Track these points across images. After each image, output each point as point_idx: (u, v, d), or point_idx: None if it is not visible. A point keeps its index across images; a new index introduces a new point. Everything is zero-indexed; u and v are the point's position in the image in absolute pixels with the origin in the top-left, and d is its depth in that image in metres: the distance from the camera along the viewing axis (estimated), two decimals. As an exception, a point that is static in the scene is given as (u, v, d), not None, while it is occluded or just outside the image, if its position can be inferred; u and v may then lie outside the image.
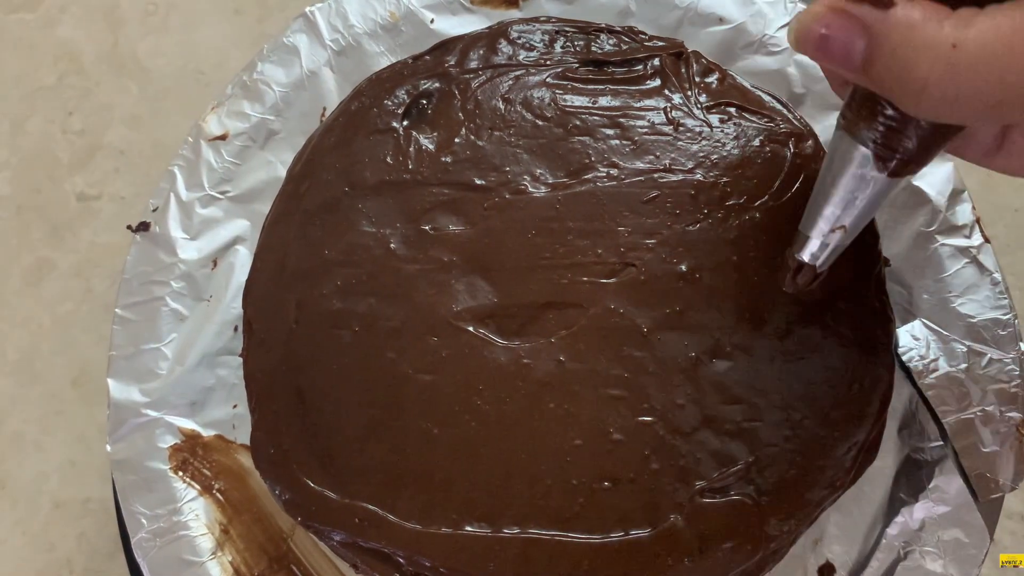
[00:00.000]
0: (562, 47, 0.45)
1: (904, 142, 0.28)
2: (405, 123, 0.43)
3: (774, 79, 0.47)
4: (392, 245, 0.40)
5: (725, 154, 0.41)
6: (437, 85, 0.44)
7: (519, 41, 0.45)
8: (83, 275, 0.59)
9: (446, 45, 0.45)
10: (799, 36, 0.26)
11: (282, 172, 0.45)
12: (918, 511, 0.39)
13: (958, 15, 0.23)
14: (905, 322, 0.42)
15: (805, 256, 0.34)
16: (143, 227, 0.45)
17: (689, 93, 0.43)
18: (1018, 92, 0.23)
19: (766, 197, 0.40)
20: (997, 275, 0.42)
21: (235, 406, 0.43)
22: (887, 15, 0.24)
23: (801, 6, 0.48)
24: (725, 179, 0.40)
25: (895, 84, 0.25)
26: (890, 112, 0.28)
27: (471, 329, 0.38)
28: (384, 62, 0.48)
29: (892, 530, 0.39)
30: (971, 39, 0.23)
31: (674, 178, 0.41)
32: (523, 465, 0.36)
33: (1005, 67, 0.22)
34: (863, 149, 0.29)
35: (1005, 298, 0.42)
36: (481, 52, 0.45)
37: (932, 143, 0.29)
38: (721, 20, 0.48)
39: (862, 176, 0.30)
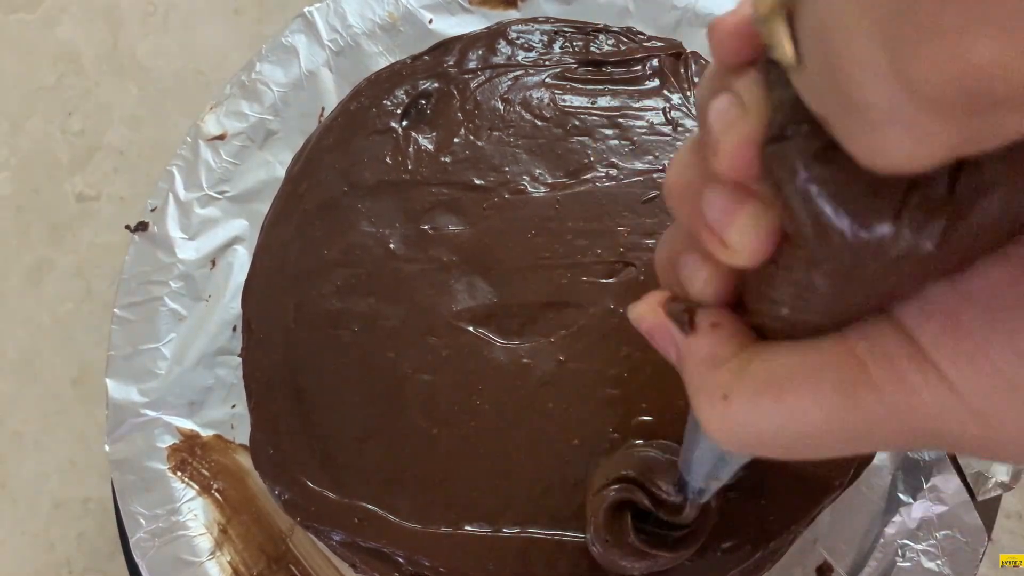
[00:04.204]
0: (561, 47, 0.45)
1: None
2: (404, 123, 0.43)
3: (773, 79, 0.46)
4: (392, 245, 0.40)
5: (724, 154, 0.41)
6: (436, 85, 0.44)
7: (518, 41, 0.45)
8: (83, 275, 0.59)
9: (445, 45, 0.45)
10: (633, 321, 0.25)
11: (281, 172, 0.45)
12: (916, 510, 0.39)
13: (740, 356, 0.20)
14: (904, 322, 0.42)
15: (688, 498, 0.32)
16: (141, 227, 0.45)
17: (688, 93, 0.43)
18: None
19: (765, 197, 0.40)
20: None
21: (234, 406, 0.43)
22: (686, 340, 0.22)
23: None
24: (724, 179, 0.40)
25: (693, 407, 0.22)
26: None
27: (471, 329, 0.38)
28: (383, 62, 0.48)
29: (890, 529, 0.39)
30: (741, 391, 0.19)
31: (673, 178, 0.41)
32: (523, 465, 0.36)
33: (768, 432, 0.19)
34: None
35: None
36: (480, 52, 0.45)
37: None
38: (720, 20, 0.48)
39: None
